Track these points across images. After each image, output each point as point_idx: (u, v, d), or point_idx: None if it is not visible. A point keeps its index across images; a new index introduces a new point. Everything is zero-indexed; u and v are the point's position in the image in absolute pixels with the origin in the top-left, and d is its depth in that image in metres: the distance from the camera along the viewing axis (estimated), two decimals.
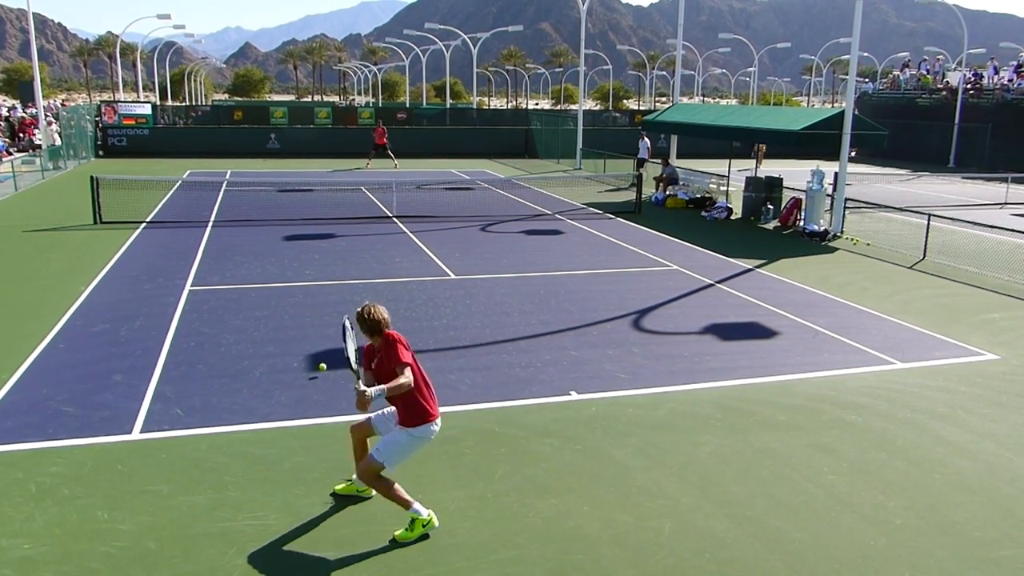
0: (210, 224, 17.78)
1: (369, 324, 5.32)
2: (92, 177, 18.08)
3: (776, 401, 8.01)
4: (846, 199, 18.04)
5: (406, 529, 5.37)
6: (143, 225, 17.50)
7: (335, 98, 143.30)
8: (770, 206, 20.17)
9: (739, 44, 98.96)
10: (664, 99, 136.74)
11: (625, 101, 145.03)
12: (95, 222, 17.52)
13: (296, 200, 21.85)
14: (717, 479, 6.34)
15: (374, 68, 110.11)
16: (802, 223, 18.71)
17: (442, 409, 7.55)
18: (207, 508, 5.71)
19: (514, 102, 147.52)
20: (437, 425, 5.49)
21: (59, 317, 10.32)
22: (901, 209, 19.04)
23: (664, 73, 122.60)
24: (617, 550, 5.31)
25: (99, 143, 35.42)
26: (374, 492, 5.73)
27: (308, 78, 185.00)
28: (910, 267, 14.94)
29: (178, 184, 24.28)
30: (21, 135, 35.42)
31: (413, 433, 5.40)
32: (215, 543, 5.27)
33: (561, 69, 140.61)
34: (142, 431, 6.96)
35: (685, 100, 60.86)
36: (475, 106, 68.17)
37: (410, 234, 17.08)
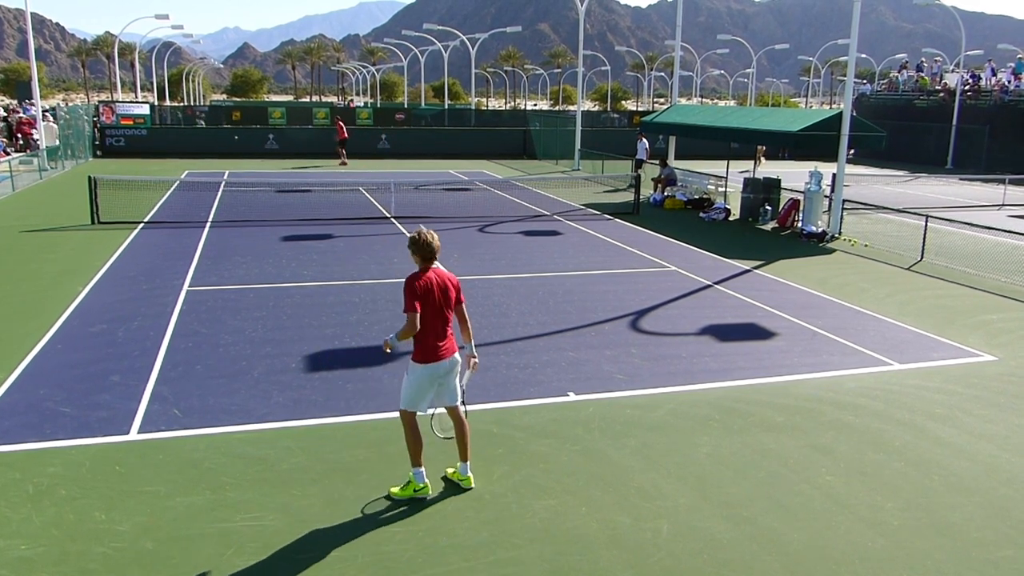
0: (208, 224, 17.77)
1: (419, 247, 5.76)
2: (90, 177, 18.06)
3: (774, 402, 8.02)
4: (844, 200, 18.07)
5: (401, 487, 5.92)
6: (141, 225, 17.48)
7: (333, 98, 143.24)
8: (768, 207, 20.20)
9: (737, 45, 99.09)
10: (662, 100, 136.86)
11: (623, 102, 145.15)
12: (93, 222, 17.50)
13: (294, 200, 21.84)
14: (715, 480, 6.35)
15: (372, 69, 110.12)
16: (800, 224, 18.73)
17: (439, 409, 7.58)
18: (205, 509, 5.71)
19: (512, 103, 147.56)
20: (433, 367, 5.78)
21: (57, 317, 10.31)
22: (899, 210, 19.07)
23: (662, 74, 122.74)
24: (615, 551, 5.31)
25: (97, 143, 35.41)
26: (471, 484, 6.12)
27: (306, 78, 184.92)
28: (908, 268, 14.96)
29: (176, 184, 24.27)
30: (19, 135, 35.34)
31: (413, 370, 5.82)
32: (213, 544, 5.27)
33: (559, 70, 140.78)
34: (140, 431, 6.95)
35: (683, 101, 60.88)
36: (473, 107, 68.19)
37: (408, 235, 17.05)
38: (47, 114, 35.43)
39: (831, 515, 5.84)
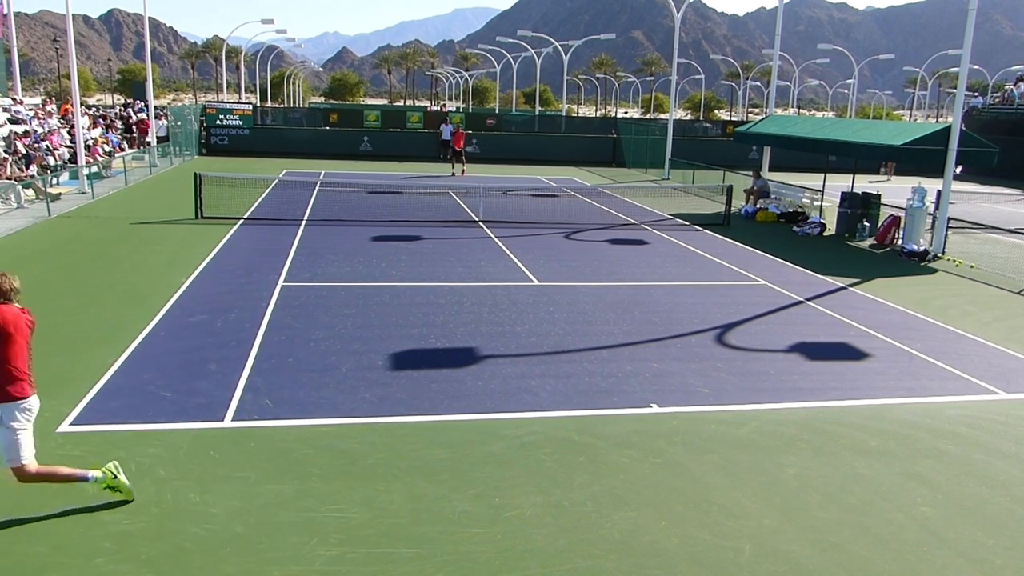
0: (303, 222, 18.37)
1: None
2: (196, 174, 18.96)
3: (867, 425, 7.71)
4: (949, 218, 17.22)
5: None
6: (241, 221, 18.21)
7: (427, 103, 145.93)
8: (866, 223, 19.45)
9: (838, 55, 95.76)
10: (757, 110, 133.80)
11: (717, 111, 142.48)
12: (197, 217, 18.35)
13: (386, 202, 22.34)
14: (801, 502, 6.14)
15: (465, 74, 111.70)
16: (900, 242, 17.96)
17: (522, 415, 7.61)
18: (292, 497, 5.89)
19: (603, 110, 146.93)
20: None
21: (161, 306, 10.85)
22: (1010, 231, 18.05)
23: (758, 84, 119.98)
24: (695, 568, 5.21)
25: (203, 141, 37.14)
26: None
27: (401, 83, 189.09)
28: (1018, 292, 14.13)
29: (275, 183, 25.18)
30: (134, 132, 37.38)
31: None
32: (299, 532, 5.43)
33: (652, 78, 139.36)
34: (234, 419, 7.24)
35: (779, 112, 59.32)
36: (564, 113, 68.25)
37: (495, 239, 17.22)
38: (160, 112, 37.43)
39: (926, 548, 5.57)
